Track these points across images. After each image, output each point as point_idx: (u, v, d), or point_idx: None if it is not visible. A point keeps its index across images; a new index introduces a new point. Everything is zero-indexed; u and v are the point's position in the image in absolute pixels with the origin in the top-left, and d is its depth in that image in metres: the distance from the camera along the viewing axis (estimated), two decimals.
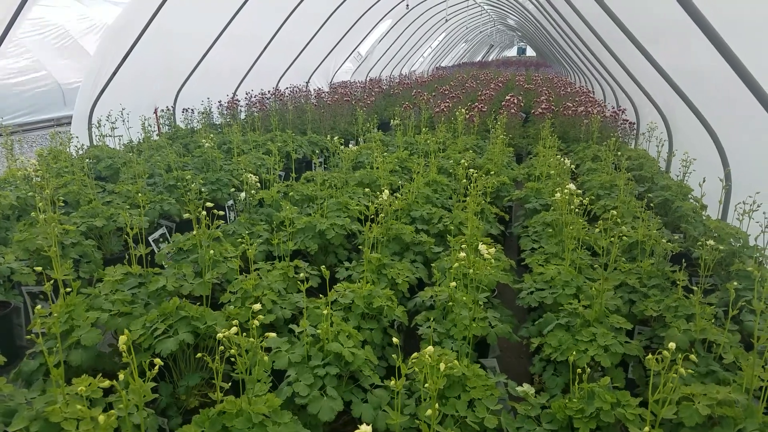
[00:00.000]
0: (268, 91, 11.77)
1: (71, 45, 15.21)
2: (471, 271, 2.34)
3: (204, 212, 2.93)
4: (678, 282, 3.24)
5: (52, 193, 3.64)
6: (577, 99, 10.81)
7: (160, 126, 9.09)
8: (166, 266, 3.19)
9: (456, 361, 2.05)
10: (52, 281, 2.05)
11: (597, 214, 4.89)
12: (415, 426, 2.22)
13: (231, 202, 5.63)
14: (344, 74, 17.87)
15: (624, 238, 3.38)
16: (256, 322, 1.83)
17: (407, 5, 13.13)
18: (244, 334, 1.82)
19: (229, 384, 1.96)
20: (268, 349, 2.36)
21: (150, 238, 4.27)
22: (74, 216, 3.93)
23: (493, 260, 2.51)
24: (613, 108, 9.67)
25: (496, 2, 19.61)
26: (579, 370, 2.30)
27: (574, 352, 2.48)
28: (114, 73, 7.49)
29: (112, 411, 1.41)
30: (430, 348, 1.58)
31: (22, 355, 3.23)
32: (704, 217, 4.77)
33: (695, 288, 2.95)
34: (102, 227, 3.87)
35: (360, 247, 4.38)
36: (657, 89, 6.63)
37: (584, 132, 8.07)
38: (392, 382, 1.61)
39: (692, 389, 2.23)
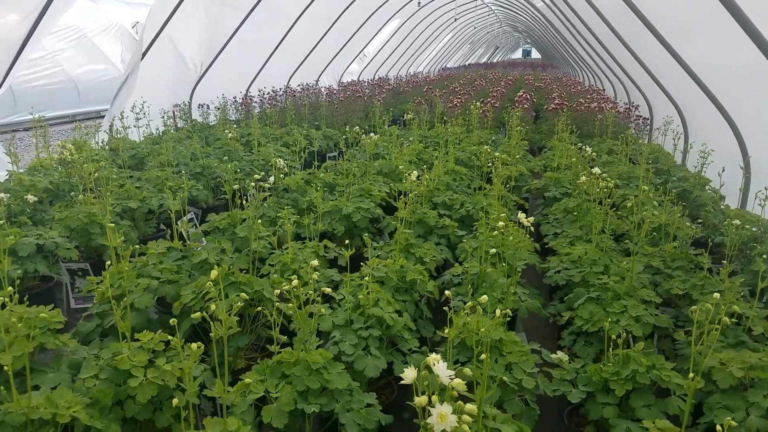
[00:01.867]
0: (280, 89, 11.91)
1: (86, 43, 15.41)
2: (511, 238, 2.42)
3: (253, 184, 3.03)
4: (702, 264, 3.31)
5: (89, 175, 3.75)
6: (588, 96, 10.88)
7: (177, 120, 9.23)
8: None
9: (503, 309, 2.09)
10: (126, 240, 2.14)
11: (616, 203, 4.96)
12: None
13: (253, 191, 5.73)
14: (351, 75, 17.97)
15: (654, 214, 3.46)
16: (315, 276, 1.91)
17: (419, 3, 13.23)
18: (303, 287, 1.91)
19: (285, 337, 2.05)
20: (309, 315, 2.45)
21: (179, 223, 4.37)
22: (109, 198, 4.03)
23: (532, 227, 2.59)
24: (626, 104, 9.74)
25: (505, 2, 19.70)
26: (613, 336, 2.38)
27: (607, 322, 2.56)
28: (132, 70, 7.61)
29: (199, 342, 1.50)
30: (485, 297, 1.66)
31: (64, 329, 3.33)
32: (723, 207, 4.84)
33: (720, 269, 3.02)
34: (136, 209, 3.97)
35: (384, 229, 4.47)
36: (673, 83, 6.70)
37: (598, 127, 8.14)
38: (446, 331, 1.69)
39: (724, 356, 2.31)
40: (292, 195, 4.64)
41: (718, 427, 1.38)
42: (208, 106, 9.68)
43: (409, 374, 1.27)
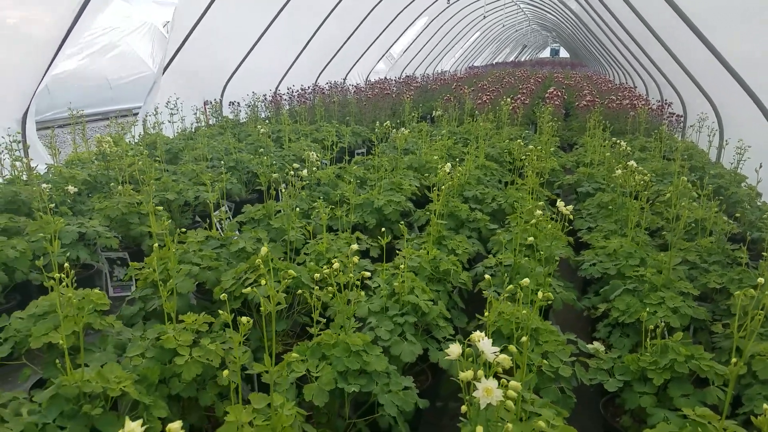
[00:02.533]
0: (309, 87, 12.02)
1: (118, 42, 15.78)
2: (549, 227, 2.42)
3: (292, 172, 3.08)
4: (739, 259, 3.26)
5: (128, 167, 3.85)
6: (619, 94, 10.73)
7: (208, 117, 9.40)
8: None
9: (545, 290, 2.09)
10: (173, 224, 2.21)
11: (650, 198, 4.90)
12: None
13: (284, 185, 5.81)
14: (378, 74, 17.99)
15: (693, 205, 3.41)
16: (355, 259, 1.95)
17: (447, 0, 13.20)
18: (342, 272, 1.94)
19: (324, 321, 2.09)
20: (347, 302, 2.48)
21: (217, 213, 4.46)
22: (152, 187, 4.14)
23: (571, 216, 2.59)
24: (658, 101, 9.58)
25: (535, 0, 19.51)
26: (650, 327, 2.36)
27: (644, 313, 2.53)
28: (165, 69, 7.78)
29: (248, 318, 1.54)
30: (526, 280, 1.68)
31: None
32: (759, 204, 4.74)
33: (760, 262, 2.97)
34: (173, 200, 4.07)
35: (414, 223, 4.49)
36: (708, 79, 6.58)
37: (630, 124, 8.03)
38: (485, 315, 1.71)
39: (764, 347, 2.27)
40: (324, 188, 4.69)
41: (765, 406, 1.36)
42: (238, 103, 9.84)
43: (454, 350, 1.29)
